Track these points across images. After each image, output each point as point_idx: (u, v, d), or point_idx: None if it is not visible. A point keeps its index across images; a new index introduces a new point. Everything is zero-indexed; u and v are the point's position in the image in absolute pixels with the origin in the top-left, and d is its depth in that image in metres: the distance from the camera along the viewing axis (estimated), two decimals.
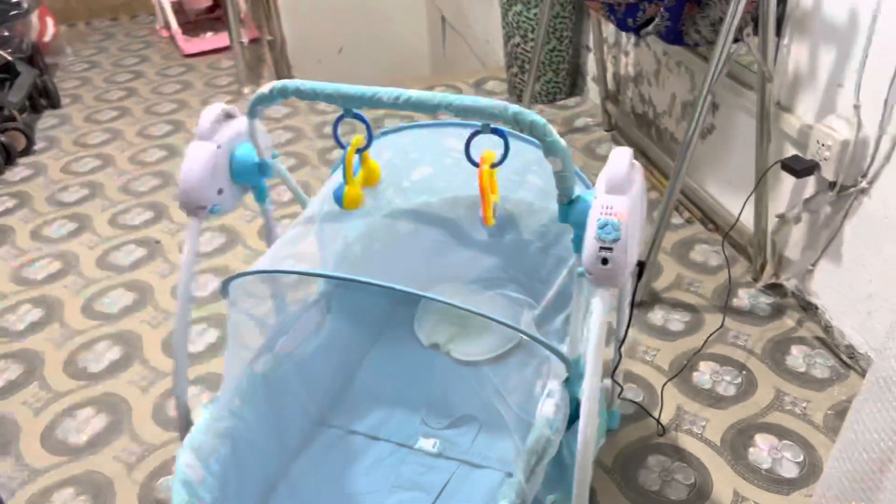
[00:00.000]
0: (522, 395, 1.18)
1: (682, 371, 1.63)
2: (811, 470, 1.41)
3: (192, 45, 3.59)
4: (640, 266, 0.98)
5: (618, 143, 2.51)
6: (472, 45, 3.68)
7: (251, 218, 2.26)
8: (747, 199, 1.74)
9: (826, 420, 1.51)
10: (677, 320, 1.78)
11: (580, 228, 0.95)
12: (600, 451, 1.45)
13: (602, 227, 0.89)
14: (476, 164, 1.01)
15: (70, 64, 3.57)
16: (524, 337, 1.15)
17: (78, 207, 2.40)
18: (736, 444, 1.47)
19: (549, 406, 1.01)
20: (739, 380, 1.62)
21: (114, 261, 2.13)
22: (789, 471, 1.41)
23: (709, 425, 1.52)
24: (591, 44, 2.65)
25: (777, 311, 1.79)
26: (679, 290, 1.88)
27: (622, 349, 1.25)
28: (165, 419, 1.60)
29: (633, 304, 0.98)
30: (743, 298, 1.84)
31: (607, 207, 0.90)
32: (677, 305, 1.83)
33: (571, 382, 1.05)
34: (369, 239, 1.37)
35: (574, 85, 2.89)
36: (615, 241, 0.89)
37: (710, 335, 1.71)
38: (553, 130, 0.92)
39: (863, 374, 1.59)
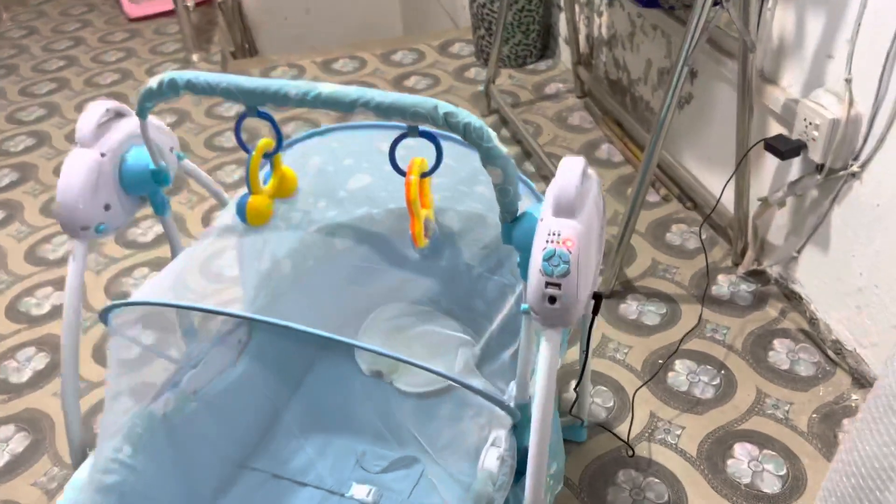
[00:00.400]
0: (458, 448, 1.03)
1: (655, 375, 1.50)
2: (794, 484, 1.30)
3: (137, 8, 3.34)
4: (597, 299, 0.83)
5: (591, 112, 2.34)
6: (444, 3, 3.46)
7: (194, 203, 2.09)
8: (728, 181, 1.59)
9: (811, 425, 1.39)
10: (652, 312, 1.65)
11: (527, 252, 0.80)
12: (566, 465, 1.33)
13: (548, 258, 0.74)
14: (402, 174, 0.85)
15: (6, 31, 3.32)
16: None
17: (6, 193, 2.21)
18: (713, 455, 1.35)
19: (491, 458, 0.87)
20: (718, 380, 1.49)
21: (43, 254, 1.96)
22: (771, 485, 1.30)
23: (684, 434, 1.39)
24: (562, 2, 2.46)
25: (759, 300, 1.66)
26: (654, 278, 1.74)
27: (578, 387, 1.12)
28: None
29: (588, 343, 0.83)
30: (723, 285, 1.70)
31: (554, 234, 0.75)
32: (652, 295, 1.70)
33: (520, 429, 0.91)
34: (301, 256, 1.20)
35: (545, 47, 2.70)
36: (564, 275, 0.74)
37: (686, 334, 1.58)
38: (493, 135, 0.76)
39: (850, 372, 1.47)
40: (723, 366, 1.52)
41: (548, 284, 0.74)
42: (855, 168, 1.36)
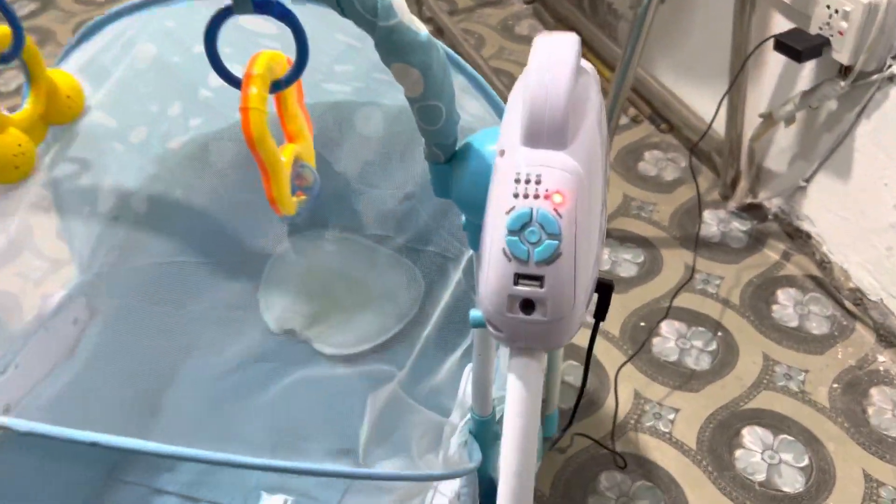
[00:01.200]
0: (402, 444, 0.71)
1: (641, 348, 1.19)
2: (821, 478, 1.02)
3: None
4: (605, 292, 0.49)
5: (541, 19, 1.97)
6: None
7: None
8: (728, 92, 1.26)
9: (832, 398, 1.11)
10: (628, 262, 1.33)
11: (476, 212, 0.46)
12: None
13: (518, 228, 0.40)
14: (235, 83, 0.49)
15: None
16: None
17: None
18: (717, 445, 1.07)
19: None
20: (714, 345, 1.19)
21: None
22: (791, 482, 1.02)
23: (679, 419, 1.10)
24: None
25: (755, 241, 1.36)
26: (627, 218, 1.42)
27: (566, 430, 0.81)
28: None
29: (587, 367, 0.50)
30: (710, 224, 1.39)
31: (529, 182, 0.40)
32: (626, 240, 1.38)
33: (484, 460, 0.59)
34: (163, 185, 0.82)
35: None
36: (549, 259, 0.39)
37: (678, 291, 1.27)
38: (403, 11, 0.41)
39: (874, 327, 1.19)
40: (719, 326, 1.22)
41: (519, 278, 0.40)
42: (895, 69, 1.04)
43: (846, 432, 1.07)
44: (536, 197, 0.40)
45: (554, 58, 0.41)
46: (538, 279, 0.40)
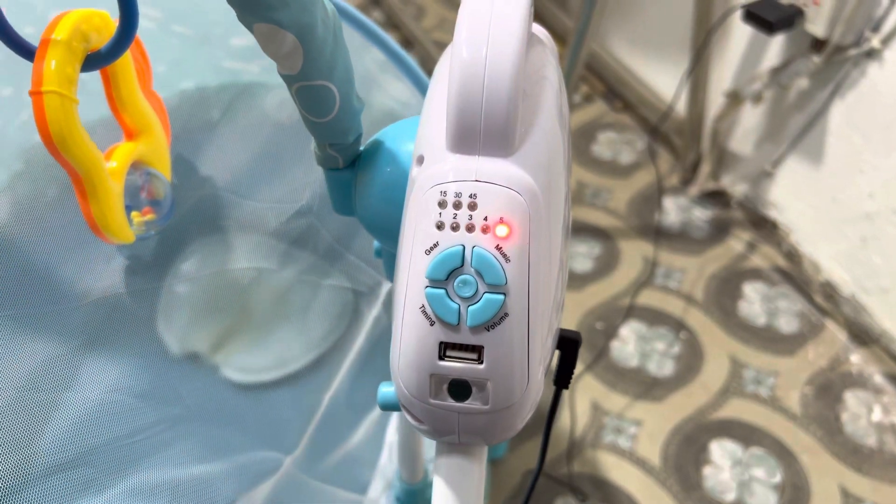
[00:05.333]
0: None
1: (600, 354, 1.08)
2: (795, 496, 0.93)
3: None
4: (568, 349, 0.36)
5: None
6: None
7: None
8: (692, 70, 1.14)
9: (805, 403, 1.02)
10: (583, 256, 1.22)
11: (390, 237, 0.32)
12: None
13: (445, 276, 0.26)
14: (29, 53, 0.35)
15: None
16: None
17: None
18: (684, 462, 0.96)
19: None
20: (677, 348, 1.09)
21: None
22: (763, 501, 0.93)
23: (642, 433, 0.99)
24: None
25: (718, 230, 1.26)
26: (581, 206, 1.31)
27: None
28: None
29: (545, 448, 0.37)
30: (669, 212, 1.29)
31: (459, 205, 0.27)
32: (581, 231, 1.26)
33: None
34: None
35: None
36: (492, 322, 0.26)
37: (638, 289, 1.16)
38: None
39: (846, 325, 1.10)
40: (681, 326, 1.12)
41: (448, 349, 0.27)
42: (874, 43, 0.94)
43: (820, 442, 0.99)
44: (471, 229, 0.26)
45: (495, 22, 0.28)
46: (475, 351, 0.27)
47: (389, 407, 0.30)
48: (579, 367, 1.06)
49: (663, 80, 1.35)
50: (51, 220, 0.45)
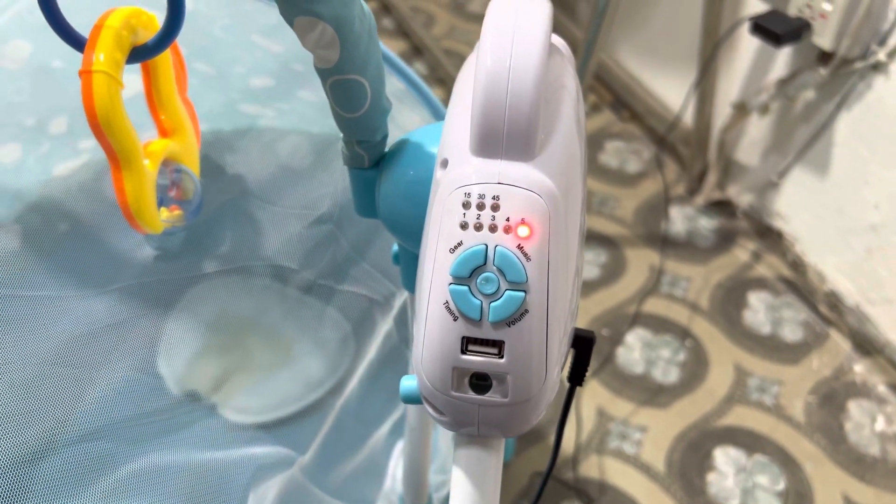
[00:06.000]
0: None
1: (605, 363, 1.09)
2: (798, 503, 0.94)
3: None
4: (583, 347, 0.37)
5: None
6: None
7: None
8: (699, 81, 1.16)
9: (809, 412, 1.03)
10: (590, 263, 1.23)
11: (412, 238, 0.34)
12: None
13: (469, 273, 0.27)
14: (80, 45, 0.37)
15: None
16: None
17: None
18: (688, 468, 0.97)
19: None
20: (682, 355, 1.10)
21: None
22: None
23: (647, 439, 1.00)
24: None
25: (724, 240, 1.27)
26: (589, 214, 1.32)
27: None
28: None
29: (557, 447, 0.38)
30: (675, 221, 1.30)
31: (483, 206, 0.28)
32: (588, 238, 1.27)
33: None
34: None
35: None
36: (513, 318, 0.27)
37: (642, 299, 1.18)
38: None
39: (850, 335, 1.11)
40: (686, 334, 1.13)
41: (469, 344, 0.28)
42: (881, 56, 0.95)
43: (823, 451, 0.99)
44: (493, 229, 0.28)
45: (519, 30, 0.29)
46: (496, 346, 0.28)
47: (411, 399, 0.31)
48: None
49: (671, 90, 1.36)
50: (83, 212, 0.47)
